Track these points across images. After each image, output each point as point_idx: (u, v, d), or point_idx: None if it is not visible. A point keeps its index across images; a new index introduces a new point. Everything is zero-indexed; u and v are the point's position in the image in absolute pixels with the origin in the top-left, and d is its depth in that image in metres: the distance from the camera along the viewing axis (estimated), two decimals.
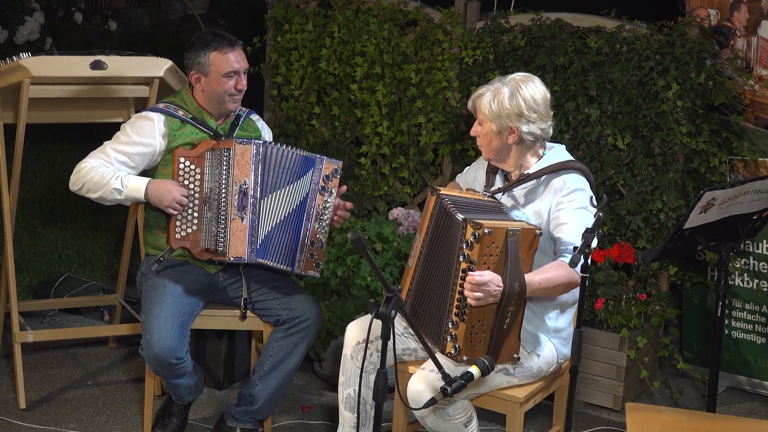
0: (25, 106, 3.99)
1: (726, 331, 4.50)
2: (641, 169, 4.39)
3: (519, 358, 3.31)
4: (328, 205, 3.74)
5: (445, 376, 3.01)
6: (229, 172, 3.63)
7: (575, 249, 3.01)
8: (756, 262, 4.44)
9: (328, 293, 4.52)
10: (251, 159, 3.64)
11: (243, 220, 3.63)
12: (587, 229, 3.01)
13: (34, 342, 4.29)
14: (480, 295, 3.12)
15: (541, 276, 3.22)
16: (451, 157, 4.84)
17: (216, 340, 4.34)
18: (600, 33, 4.42)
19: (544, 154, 3.46)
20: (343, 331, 4.28)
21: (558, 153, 3.48)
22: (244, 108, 3.91)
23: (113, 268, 5.42)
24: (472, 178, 3.66)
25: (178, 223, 3.67)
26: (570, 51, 4.45)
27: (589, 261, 3.01)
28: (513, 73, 4.46)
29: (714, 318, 3.81)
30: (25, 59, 3.93)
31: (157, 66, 4.18)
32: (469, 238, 3.13)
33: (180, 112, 3.75)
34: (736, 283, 4.49)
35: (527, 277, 3.19)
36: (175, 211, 3.63)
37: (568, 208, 3.34)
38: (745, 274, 4.47)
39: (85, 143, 3.83)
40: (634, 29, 4.38)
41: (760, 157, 4.34)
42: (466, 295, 3.14)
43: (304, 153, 3.72)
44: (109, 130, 3.83)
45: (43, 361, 4.55)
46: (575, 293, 3.38)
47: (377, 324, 2.90)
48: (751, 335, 4.49)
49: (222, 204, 3.64)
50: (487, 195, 3.48)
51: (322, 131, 5.09)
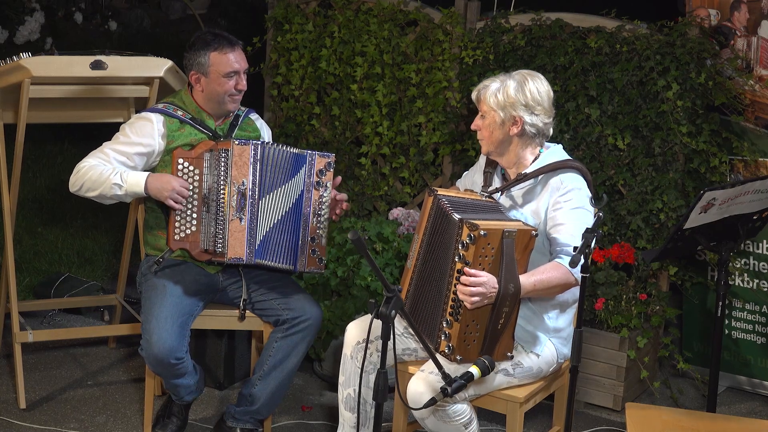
0: (25, 106, 3.98)
1: (726, 331, 4.50)
2: (641, 169, 4.39)
3: (513, 357, 3.32)
4: (324, 200, 3.73)
5: (445, 377, 3.01)
6: (227, 173, 3.63)
7: (575, 249, 3.00)
8: (756, 262, 4.44)
9: (328, 293, 4.52)
10: (249, 159, 3.63)
11: (241, 221, 3.63)
12: (587, 229, 3.01)
13: (34, 342, 4.29)
14: (475, 299, 3.13)
15: (536, 277, 3.22)
16: (451, 157, 4.84)
17: (216, 340, 4.34)
18: (600, 33, 4.42)
19: (541, 153, 3.46)
20: (343, 331, 4.28)
21: (555, 152, 3.48)
22: (243, 107, 3.91)
23: (113, 268, 5.41)
24: (470, 182, 3.66)
25: (177, 224, 3.67)
26: (570, 51, 4.45)
27: (589, 261, 3.01)
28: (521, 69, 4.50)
29: (714, 318, 3.81)
30: (25, 59, 3.93)
31: (157, 66, 4.17)
32: (465, 238, 3.14)
33: (179, 113, 3.75)
34: (736, 283, 4.48)
35: (522, 278, 3.19)
36: (176, 203, 3.63)
37: (564, 208, 3.34)
38: (745, 274, 4.47)
39: (85, 143, 3.83)
40: (634, 29, 4.38)
41: (760, 157, 4.34)
42: (461, 296, 3.14)
43: (295, 150, 3.71)
44: (109, 130, 3.83)
45: (43, 361, 4.55)
46: (575, 293, 3.38)
47: (377, 324, 2.90)
48: (751, 335, 4.49)
49: (220, 205, 3.63)
50: (485, 195, 3.48)
51: (322, 131, 5.09)
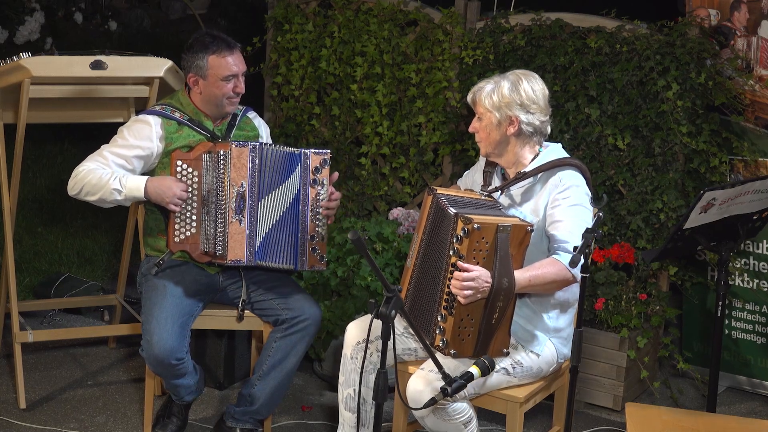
0: (25, 106, 3.98)
1: (726, 331, 4.50)
2: (641, 169, 4.39)
3: (508, 353, 3.32)
4: (322, 197, 3.73)
5: (445, 376, 3.00)
6: (226, 175, 3.62)
7: (575, 249, 3.00)
8: (756, 262, 4.44)
9: (328, 293, 4.52)
10: (247, 161, 3.63)
11: (241, 223, 3.63)
12: (587, 229, 3.01)
13: (34, 342, 4.29)
14: (468, 292, 3.13)
15: (531, 273, 3.23)
16: (451, 157, 4.84)
17: (216, 340, 4.34)
18: (600, 33, 4.42)
19: (540, 152, 3.46)
20: (343, 331, 4.27)
21: (554, 151, 3.48)
22: (240, 106, 3.90)
23: (113, 268, 5.41)
24: (471, 181, 3.66)
25: (177, 226, 3.67)
26: (570, 51, 4.45)
27: (589, 261, 3.01)
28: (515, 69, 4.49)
29: (714, 318, 3.81)
30: (25, 59, 3.93)
31: (157, 66, 4.17)
32: (459, 232, 3.15)
33: (177, 114, 3.74)
34: (736, 283, 4.48)
35: (517, 273, 3.20)
36: (176, 207, 3.63)
37: (563, 205, 3.34)
38: (745, 274, 4.47)
39: (85, 143, 3.83)
40: (634, 29, 4.38)
41: (760, 157, 4.34)
42: (453, 290, 3.15)
43: (289, 149, 3.71)
44: (109, 130, 3.83)
45: (43, 361, 4.55)
46: (575, 293, 3.38)
47: (377, 324, 2.90)
48: (751, 335, 4.49)
49: (220, 207, 3.63)
50: (485, 194, 3.48)
51: (322, 131, 5.09)
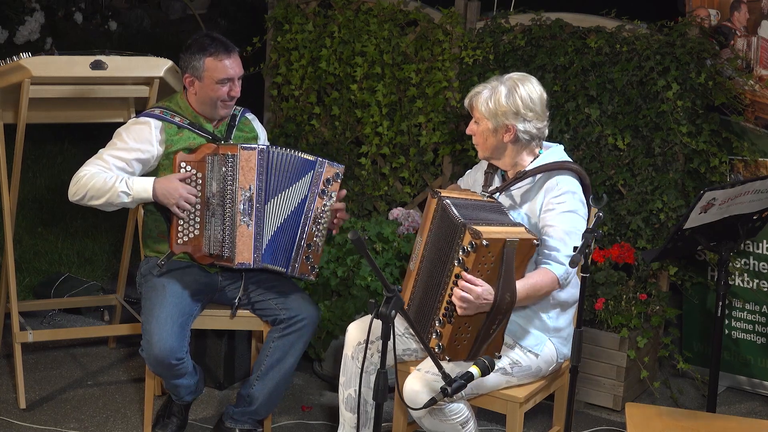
0: (25, 106, 3.98)
1: (726, 331, 4.50)
2: (641, 169, 4.39)
3: (501, 357, 3.32)
4: (327, 209, 3.73)
5: (445, 376, 3.00)
6: (234, 178, 3.61)
7: (575, 249, 2.99)
8: (756, 262, 4.44)
9: (328, 293, 4.51)
10: (255, 165, 3.62)
11: (249, 226, 3.62)
12: (587, 228, 3.01)
13: (34, 342, 4.29)
14: (468, 307, 3.12)
15: (529, 285, 3.23)
16: (451, 157, 4.84)
17: (216, 340, 4.34)
18: (600, 33, 4.42)
19: (540, 153, 3.46)
20: (342, 331, 4.28)
21: (555, 152, 3.47)
22: (238, 107, 3.90)
23: (113, 268, 5.41)
24: (473, 180, 3.65)
25: (180, 228, 3.66)
26: (570, 51, 4.45)
27: (589, 261, 3.01)
28: (513, 72, 4.48)
29: (714, 318, 3.81)
30: (25, 59, 3.93)
31: (157, 66, 4.17)
32: (466, 245, 3.12)
33: (176, 118, 3.74)
34: (736, 283, 4.48)
35: (518, 284, 3.19)
36: (181, 210, 3.62)
37: (556, 210, 3.34)
38: (745, 274, 4.47)
39: (85, 143, 3.83)
40: (634, 29, 4.38)
41: (760, 157, 4.34)
42: (455, 303, 3.13)
43: (305, 155, 3.71)
44: (109, 130, 3.82)
45: (43, 361, 4.55)
46: (575, 293, 3.38)
47: (379, 324, 2.90)
48: (751, 335, 4.49)
49: (227, 210, 3.62)
50: (486, 195, 3.48)
51: (322, 131, 5.09)
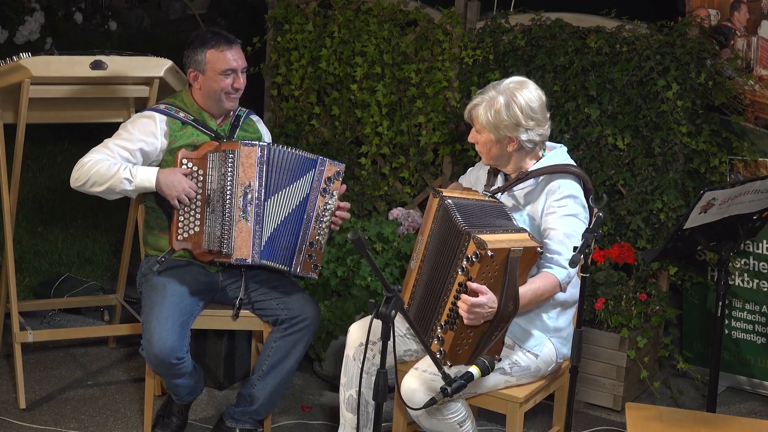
0: (25, 106, 3.98)
1: (726, 331, 4.50)
2: (641, 169, 4.39)
3: (500, 359, 3.31)
4: (329, 207, 3.73)
5: (444, 376, 3.00)
6: (234, 174, 3.62)
7: (575, 249, 2.99)
8: (756, 262, 4.44)
9: (328, 293, 4.51)
10: (256, 161, 3.63)
11: (248, 222, 3.62)
12: (587, 228, 3.00)
13: (34, 342, 4.29)
14: (473, 317, 3.12)
15: (532, 290, 3.23)
16: (451, 157, 4.84)
17: (216, 340, 4.34)
18: (600, 33, 4.42)
19: (543, 155, 3.45)
20: (342, 331, 4.28)
21: (558, 154, 3.46)
22: (243, 108, 3.91)
23: (113, 268, 5.41)
24: (475, 178, 3.64)
25: (180, 224, 3.67)
26: (570, 51, 4.45)
27: (589, 261, 3.01)
28: (513, 73, 4.48)
29: (714, 318, 3.81)
30: (25, 59, 3.93)
31: (157, 66, 4.17)
32: (471, 254, 3.10)
33: (181, 114, 3.75)
34: (736, 283, 4.48)
35: (521, 290, 3.18)
36: (180, 203, 3.62)
37: (558, 214, 3.33)
38: (745, 274, 4.47)
39: (85, 143, 3.82)
40: (634, 29, 4.38)
41: (760, 157, 4.34)
42: (460, 313, 3.12)
43: (306, 154, 3.72)
44: (109, 130, 3.83)
45: (43, 361, 4.55)
46: (575, 293, 3.38)
47: (380, 325, 2.89)
48: (751, 335, 4.49)
49: (227, 206, 3.62)
50: (488, 195, 3.47)
51: (322, 131, 5.09)
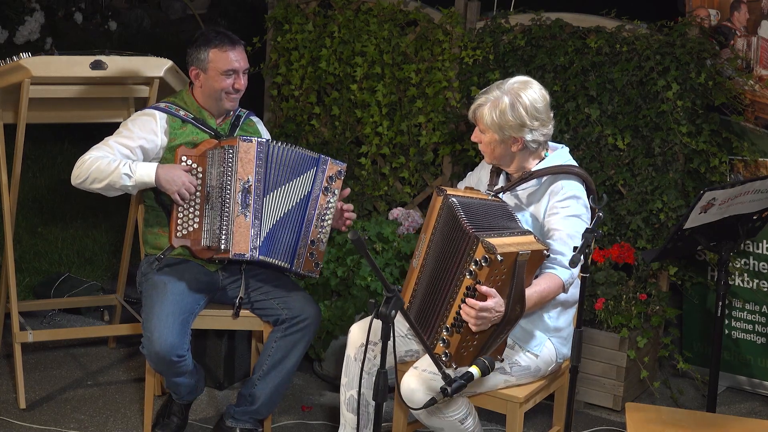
0: (25, 106, 3.99)
1: (726, 331, 4.50)
2: (641, 169, 4.39)
3: (503, 360, 3.32)
4: (330, 206, 3.74)
5: (445, 376, 3.00)
6: (232, 170, 3.63)
7: (575, 249, 2.99)
8: (756, 262, 4.44)
9: (328, 293, 4.51)
10: (254, 156, 3.64)
11: (246, 217, 3.63)
12: (587, 228, 3.00)
13: (34, 342, 4.29)
14: (481, 323, 3.11)
15: (538, 293, 3.23)
16: (451, 157, 4.84)
17: (216, 340, 4.34)
18: (600, 33, 4.42)
19: (546, 156, 3.45)
20: (343, 331, 4.28)
21: (560, 155, 3.46)
22: (244, 110, 3.92)
23: (113, 268, 5.41)
24: (476, 179, 3.64)
25: (179, 221, 3.68)
26: (570, 51, 4.45)
27: (589, 261, 3.01)
28: (513, 73, 4.48)
29: (714, 318, 3.81)
30: (25, 59, 3.93)
31: (157, 66, 4.18)
32: (479, 258, 3.08)
33: (181, 113, 3.76)
34: (736, 283, 4.49)
35: (527, 292, 3.18)
36: (181, 198, 3.63)
37: (561, 214, 3.34)
38: (745, 274, 4.47)
39: (85, 143, 3.83)
40: (634, 29, 4.38)
41: (760, 157, 4.34)
42: (466, 318, 3.12)
43: (307, 152, 3.74)
44: (109, 130, 3.83)
45: (43, 361, 4.55)
46: (575, 293, 3.38)
47: (381, 325, 2.89)
48: (751, 335, 4.49)
49: (226, 201, 3.63)
50: (491, 194, 3.47)
51: (322, 131, 5.09)
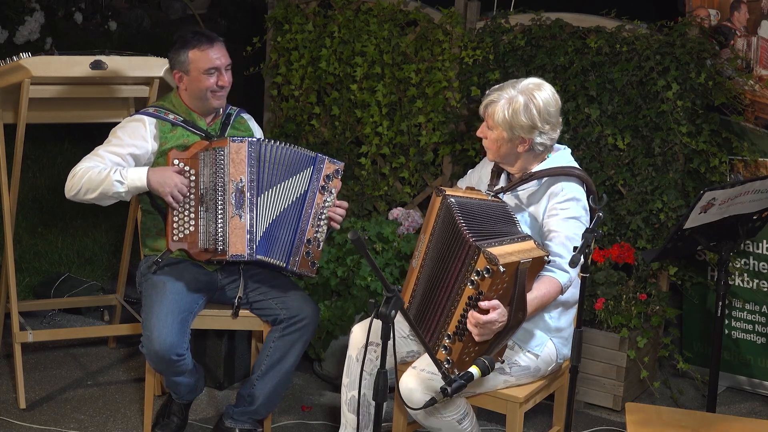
0: (25, 106, 3.99)
1: (726, 331, 4.50)
2: (641, 169, 4.39)
3: (503, 362, 3.31)
4: (327, 205, 3.74)
5: (444, 376, 3.00)
6: (224, 171, 3.63)
7: (575, 249, 2.99)
8: (756, 262, 4.44)
9: (328, 293, 4.51)
10: (246, 156, 3.64)
11: (241, 218, 3.63)
12: (587, 228, 3.00)
13: (34, 342, 4.29)
14: (484, 333, 3.11)
15: (538, 298, 3.23)
16: (451, 157, 4.83)
17: (216, 340, 4.34)
18: (600, 33, 4.42)
19: (548, 157, 3.45)
20: (342, 331, 4.28)
21: (562, 157, 3.45)
22: (234, 107, 3.91)
23: (113, 268, 5.41)
24: (477, 178, 3.63)
25: (174, 225, 3.67)
26: (570, 51, 4.45)
27: (589, 261, 3.01)
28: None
29: (714, 318, 3.81)
30: (25, 59, 3.94)
31: (157, 66, 4.18)
32: (482, 269, 3.07)
33: (170, 116, 3.76)
34: (736, 283, 4.48)
35: (528, 298, 3.18)
36: (175, 200, 3.63)
37: (560, 216, 3.33)
38: (745, 274, 4.47)
39: (85, 143, 3.83)
40: (634, 29, 4.38)
41: (760, 157, 4.34)
42: (470, 329, 3.11)
43: (304, 150, 3.74)
44: (109, 131, 3.83)
45: (43, 361, 4.55)
46: (576, 293, 3.38)
47: (382, 326, 2.89)
48: (751, 335, 4.49)
49: (220, 203, 3.63)
50: (491, 194, 3.47)
51: (322, 131, 5.09)
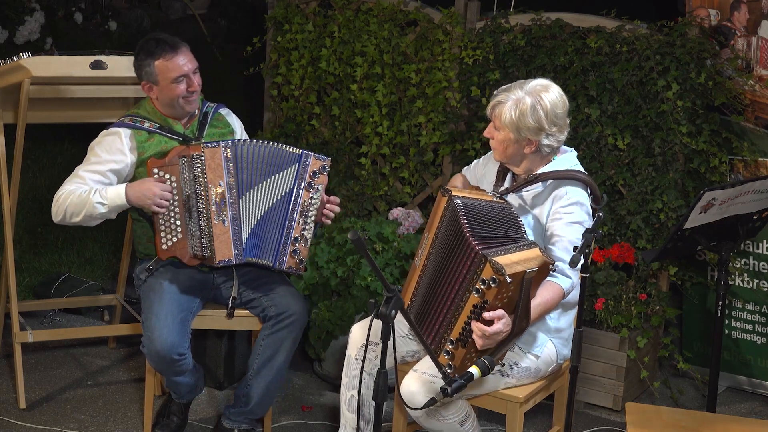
0: (25, 106, 3.99)
1: (726, 331, 4.50)
2: (641, 169, 4.39)
3: (504, 365, 3.31)
4: (314, 202, 3.72)
5: (445, 376, 3.00)
6: (203, 177, 3.61)
7: (575, 249, 2.99)
8: (756, 262, 4.44)
9: (328, 293, 4.51)
10: (222, 160, 3.62)
11: (225, 223, 3.62)
12: (587, 229, 3.00)
13: (34, 342, 4.29)
14: (489, 342, 3.11)
15: (541, 305, 3.22)
16: (451, 157, 4.84)
17: (216, 340, 4.34)
18: (600, 33, 4.42)
19: (554, 159, 3.44)
20: (342, 331, 4.28)
21: (568, 159, 3.44)
22: (211, 104, 3.90)
23: (113, 268, 5.41)
24: (482, 172, 3.61)
25: (162, 233, 3.66)
26: (570, 51, 4.45)
27: (589, 261, 3.01)
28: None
29: (714, 318, 3.81)
30: (25, 59, 3.93)
31: None
32: (488, 278, 3.06)
33: (146, 124, 3.75)
34: (736, 283, 4.48)
35: (531, 305, 3.18)
36: (160, 208, 3.62)
37: (564, 220, 3.33)
38: (745, 274, 4.47)
39: (85, 143, 3.83)
40: (634, 29, 4.38)
41: (760, 157, 4.34)
42: (474, 339, 3.11)
43: (287, 147, 3.70)
44: None
45: (43, 361, 4.55)
46: (575, 294, 3.38)
47: (382, 326, 2.89)
48: (751, 335, 4.49)
49: (201, 209, 3.61)
50: (497, 195, 3.46)
51: (322, 131, 5.09)
